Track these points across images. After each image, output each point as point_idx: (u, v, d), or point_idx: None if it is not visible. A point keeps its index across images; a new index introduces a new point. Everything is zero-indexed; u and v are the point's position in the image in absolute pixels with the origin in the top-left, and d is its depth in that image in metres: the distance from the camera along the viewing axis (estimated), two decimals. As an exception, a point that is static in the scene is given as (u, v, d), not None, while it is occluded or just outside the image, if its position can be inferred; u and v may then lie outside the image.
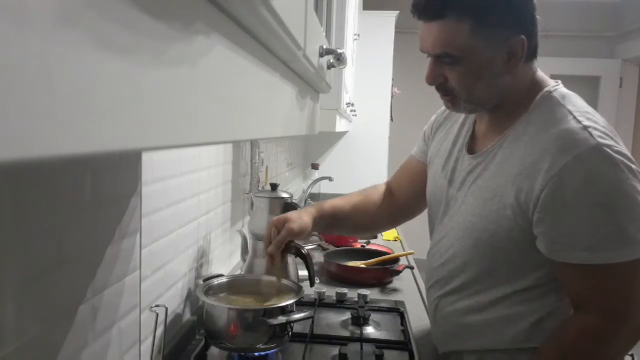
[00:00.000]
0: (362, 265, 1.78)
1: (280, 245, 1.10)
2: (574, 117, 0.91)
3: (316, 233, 2.20)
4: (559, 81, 1.02)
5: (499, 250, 0.97)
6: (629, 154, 0.89)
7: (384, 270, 1.71)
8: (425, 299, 1.20)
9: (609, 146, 0.86)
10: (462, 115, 1.14)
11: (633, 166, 0.87)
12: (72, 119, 0.17)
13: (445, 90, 1.00)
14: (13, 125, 0.15)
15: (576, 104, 0.95)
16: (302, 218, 1.15)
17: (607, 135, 0.89)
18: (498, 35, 0.92)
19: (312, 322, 1.23)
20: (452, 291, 1.08)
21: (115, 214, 0.79)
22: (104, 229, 0.76)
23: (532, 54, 0.97)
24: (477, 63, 0.94)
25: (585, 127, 0.88)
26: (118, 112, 0.21)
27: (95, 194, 0.72)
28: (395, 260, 1.81)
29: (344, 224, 1.31)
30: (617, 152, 0.87)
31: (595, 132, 0.88)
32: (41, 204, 0.60)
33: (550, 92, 0.97)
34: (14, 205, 0.55)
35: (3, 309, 0.55)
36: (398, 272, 1.70)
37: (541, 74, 1.02)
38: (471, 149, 1.09)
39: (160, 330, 0.98)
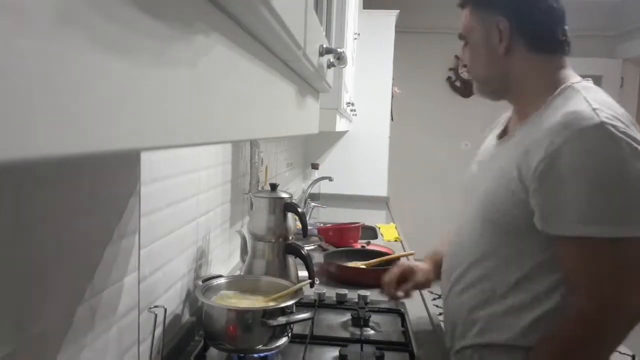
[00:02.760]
0: (363, 266, 1.77)
1: (407, 294, 1.29)
2: (586, 101, 0.92)
3: (316, 233, 2.20)
4: (590, 79, 1.04)
5: (502, 229, 0.99)
6: None
7: (385, 271, 1.71)
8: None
9: (614, 126, 0.87)
10: (504, 116, 1.21)
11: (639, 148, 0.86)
12: (71, 119, 0.17)
13: (467, 72, 1.14)
14: (13, 125, 0.14)
15: (595, 93, 0.97)
16: (426, 271, 1.31)
17: (617, 118, 0.89)
18: (489, 16, 1.04)
19: (312, 323, 1.23)
20: (458, 279, 1.10)
21: (114, 214, 0.79)
22: (102, 229, 0.76)
23: (538, 44, 1.02)
24: (476, 40, 1.07)
25: (594, 109, 0.89)
26: (117, 112, 0.21)
27: (93, 194, 0.72)
28: (396, 260, 1.80)
29: None
30: (623, 132, 0.86)
31: (602, 113, 0.88)
32: (40, 204, 0.60)
33: (572, 84, 1.00)
34: (14, 205, 0.55)
35: (3, 309, 0.55)
36: None
37: (571, 72, 1.05)
38: (500, 139, 1.15)
39: (159, 331, 0.97)
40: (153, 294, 0.97)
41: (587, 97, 0.94)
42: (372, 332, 1.28)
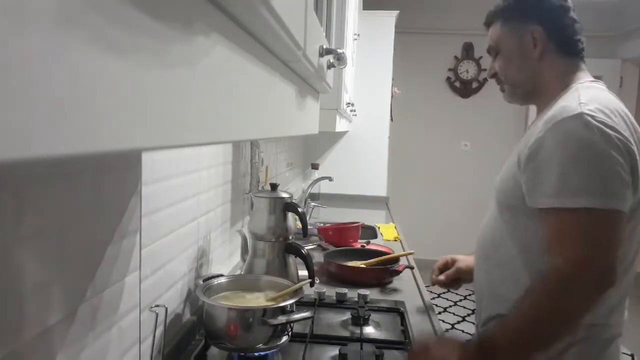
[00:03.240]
0: (362, 266, 1.77)
1: (448, 281, 1.45)
2: (578, 97, 1.05)
3: (316, 232, 2.20)
4: (599, 80, 1.15)
5: (511, 211, 1.13)
6: (621, 130, 0.99)
7: (384, 271, 1.71)
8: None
9: (592, 116, 0.99)
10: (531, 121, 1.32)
11: (613, 135, 0.98)
12: (72, 119, 0.17)
13: (498, 81, 1.27)
14: (13, 125, 0.15)
15: (591, 91, 1.08)
16: (469, 260, 1.42)
17: (601, 111, 1.00)
18: (520, 26, 1.18)
19: (312, 322, 1.23)
20: (484, 259, 1.23)
21: (115, 213, 0.79)
22: (104, 229, 0.76)
23: (565, 49, 1.17)
24: (508, 49, 1.21)
25: (580, 103, 1.02)
26: (118, 112, 0.21)
27: (95, 194, 0.72)
28: (396, 260, 1.81)
29: None
30: (601, 121, 0.98)
31: (586, 106, 1.01)
32: (41, 203, 0.60)
33: (577, 84, 1.13)
34: (15, 205, 0.55)
35: (3, 308, 0.55)
36: (398, 272, 1.70)
37: (585, 74, 1.17)
38: None
39: (160, 330, 0.98)
40: (154, 294, 0.97)
41: (580, 94, 1.06)
42: (372, 331, 1.28)
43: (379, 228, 2.56)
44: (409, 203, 4.76)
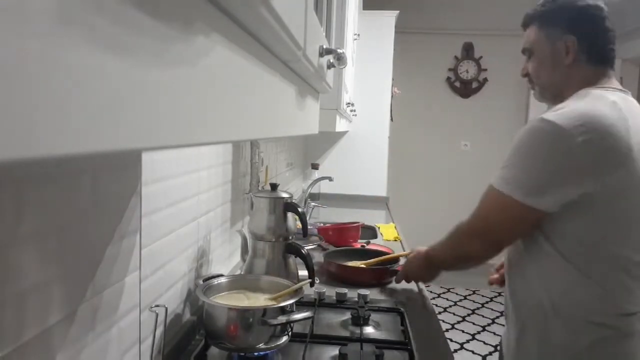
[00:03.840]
0: (362, 266, 1.77)
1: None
2: (561, 106, 1.13)
3: (316, 232, 2.20)
4: (616, 89, 1.20)
5: None
6: (574, 132, 1.05)
7: (384, 271, 1.71)
8: None
9: (548, 120, 1.09)
10: None
11: (557, 138, 1.06)
12: (72, 119, 0.17)
13: (529, 81, 1.34)
14: (13, 125, 0.15)
15: (582, 100, 1.15)
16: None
17: (564, 117, 1.08)
18: (555, 33, 1.24)
19: (312, 322, 1.23)
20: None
21: (115, 213, 0.79)
22: (103, 229, 0.76)
23: (595, 58, 1.22)
24: (543, 53, 1.27)
25: (557, 109, 1.12)
26: (118, 112, 0.21)
27: (95, 193, 0.72)
28: (395, 260, 1.81)
29: None
30: (552, 125, 1.08)
31: (552, 113, 1.10)
32: (41, 203, 0.60)
33: (586, 90, 1.19)
34: (15, 205, 0.55)
35: (3, 308, 0.55)
36: (398, 272, 1.70)
37: (607, 80, 1.22)
38: None
39: (160, 330, 0.98)
40: (154, 294, 0.97)
41: (565, 103, 1.15)
42: (372, 331, 1.28)
43: (379, 228, 2.56)
44: (409, 203, 4.76)
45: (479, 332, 3.85)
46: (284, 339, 1.06)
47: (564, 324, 1.12)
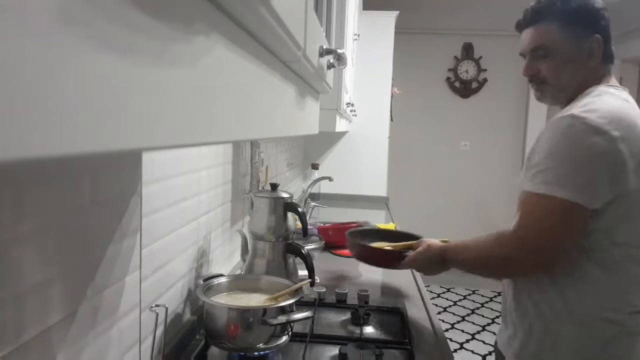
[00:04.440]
0: (389, 248, 1.55)
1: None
2: (584, 104, 1.11)
3: (315, 232, 2.20)
4: (620, 87, 1.20)
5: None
6: (608, 130, 1.04)
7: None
8: None
9: (581, 118, 1.06)
10: None
11: (594, 133, 1.04)
12: (72, 119, 0.17)
13: (537, 81, 1.27)
14: (13, 125, 0.15)
15: (601, 98, 1.13)
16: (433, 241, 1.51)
17: (595, 112, 1.06)
18: (581, 34, 1.21)
19: (312, 322, 1.23)
20: None
21: (115, 213, 0.79)
22: (104, 229, 0.76)
23: (607, 57, 1.22)
24: (565, 54, 1.22)
25: (579, 107, 1.09)
26: (118, 112, 0.21)
27: (95, 193, 0.72)
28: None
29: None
30: (586, 123, 1.05)
31: (583, 111, 1.07)
32: (42, 203, 0.60)
33: (598, 88, 1.18)
34: (15, 205, 0.56)
35: (3, 308, 0.55)
36: (405, 258, 1.47)
37: (611, 78, 1.23)
38: None
39: (160, 330, 0.98)
40: (154, 293, 0.97)
41: (586, 101, 1.12)
42: (371, 330, 1.28)
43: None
44: (409, 203, 4.76)
45: (478, 332, 3.85)
46: (284, 338, 1.06)
47: (577, 323, 1.12)
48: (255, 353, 1.07)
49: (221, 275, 1.20)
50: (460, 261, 1.28)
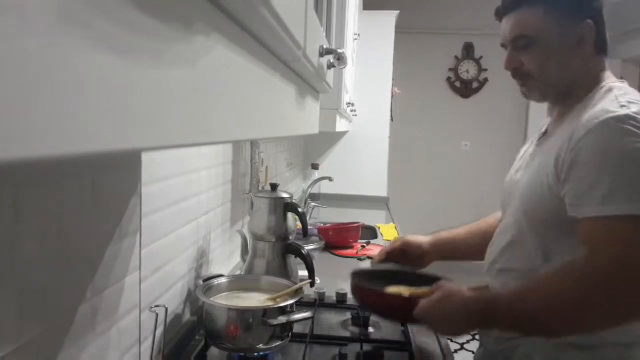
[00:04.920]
0: (405, 294, 1.13)
1: (393, 251, 1.32)
2: (616, 98, 0.97)
3: (315, 232, 2.20)
4: (624, 80, 1.08)
5: (540, 222, 1.03)
6: None
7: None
8: None
9: (636, 118, 0.91)
10: (545, 124, 1.21)
11: None
12: (72, 119, 0.17)
13: (521, 76, 1.11)
14: (13, 125, 0.15)
15: (627, 93, 0.99)
16: (417, 235, 1.36)
17: None
18: (569, 19, 1.05)
19: (312, 322, 1.23)
20: (501, 271, 1.11)
21: (115, 214, 0.79)
22: (104, 229, 0.76)
23: (600, 46, 1.07)
24: (550, 43, 1.05)
25: (621, 105, 0.94)
26: (118, 112, 0.21)
27: (95, 193, 0.72)
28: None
29: (462, 244, 1.36)
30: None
31: (627, 109, 0.92)
32: (41, 203, 0.60)
33: (609, 84, 1.04)
34: (15, 205, 0.55)
35: (3, 309, 0.55)
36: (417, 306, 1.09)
37: (609, 73, 1.09)
38: (540, 141, 1.16)
39: (160, 330, 0.98)
40: (154, 294, 0.97)
41: (617, 95, 0.98)
42: (371, 331, 1.28)
43: (379, 228, 2.56)
44: (409, 203, 4.75)
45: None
46: (284, 339, 1.06)
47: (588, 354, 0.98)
48: (255, 353, 1.07)
49: (221, 275, 1.20)
50: (514, 314, 0.94)
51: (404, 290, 1.14)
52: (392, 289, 1.16)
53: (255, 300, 1.13)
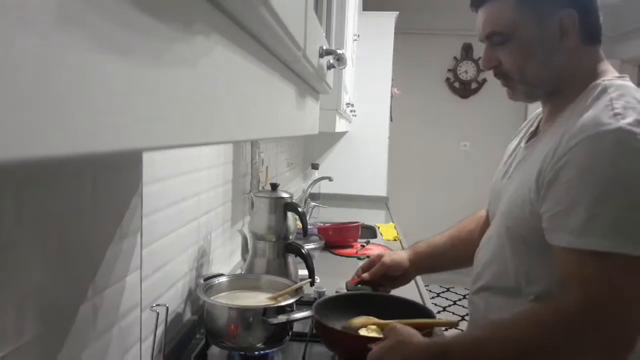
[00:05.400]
0: (375, 334, 1.04)
1: (374, 277, 1.23)
2: (611, 104, 0.84)
3: (315, 232, 2.20)
4: (626, 76, 0.94)
5: (521, 240, 0.94)
6: None
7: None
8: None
9: (631, 132, 0.78)
10: (536, 118, 1.12)
11: None
12: (72, 119, 0.18)
13: (501, 75, 1.00)
14: (13, 125, 0.15)
15: (625, 95, 0.86)
16: (396, 253, 1.28)
17: None
18: (546, 10, 0.92)
19: (312, 321, 1.23)
20: (482, 288, 1.03)
21: (116, 213, 0.80)
22: (104, 229, 0.76)
23: (591, 35, 0.94)
24: (526, 39, 0.93)
25: (616, 114, 0.82)
26: (118, 112, 0.21)
27: (96, 194, 0.72)
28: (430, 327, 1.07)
29: (443, 257, 1.28)
30: None
31: (623, 119, 0.80)
32: (42, 204, 0.60)
33: (603, 82, 0.91)
34: (15, 206, 0.56)
35: (3, 309, 0.55)
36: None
37: (608, 66, 0.97)
38: (529, 141, 1.06)
39: (160, 329, 0.98)
40: (155, 293, 0.97)
41: (613, 99, 0.85)
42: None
43: (378, 228, 2.57)
44: (409, 203, 4.75)
45: (479, 332, 3.85)
46: (284, 338, 1.06)
47: None
48: (256, 352, 1.07)
49: (222, 274, 1.20)
50: None
51: (369, 322, 1.09)
52: (358, 321, 1.09)
53: (255, 299, 1.14)
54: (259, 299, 1.13)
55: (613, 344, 0.79)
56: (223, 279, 1.17)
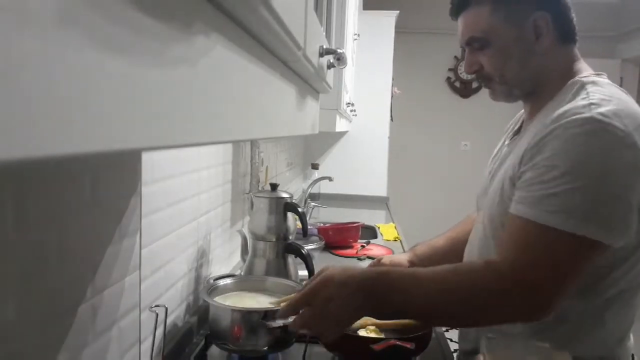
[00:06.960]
0: (373, 335, 1.09)
1: None
2: (588, 96, 0.88)
3: (316, 232, 2.20)
4: (603, 73, 0.98)
5: (502, 228, 0.95)
6: (637, 139, 0.82)
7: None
8: None
9: (606, 123, 0.82)
10: (520, 117, 1.16)
11: (625, 147, 0.82)
12: (72, 119, 0.17)
13: (483, 79, 1.05)
14: (13, 125, 0.15)
15: (600, 88, 0.91)
16: (396, 256, 1.31)
17: (618, 116, 0.83)
18: (519, 13, 0.97)
19: (312, 322, 1.23)
20: None
21: (115, 214, 0.79)
22: (104, 229, 0.76)
23: (565, 35, 0.99)
24: (503, 42, 0.98)
25: (592, 104, 0.85)
26: (118, 112, 0.21)
27: (95, 194, 0.72)
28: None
29: (443, 259, 1.23)
30: (613, 130, 0.82)
31: (598, 109, 0.84)
32: (41, 204, 0.60)
33: (580, 78, 0.95)
34: (15, 205, 0.55)
35: (3, 309, 0.55)
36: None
37: (584, 65, 1.01)
38: (512, 139, 1.10)
39: (160, 330, 0.98)
40: (154, 293, 0.97)
41: (590, 93, 0.89)
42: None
43: (379, 228, 2.56)
44: (409, 203, 4.75)
45: (479, 332, 3.85)
46: (288, 342, 1.06)
47: None
48: (256, 354, 1.06)
49: (227, 276, 1.19)
50: (407, 298, 0.86)
51: (368, 323, 1.11)
52: (357, 321, 1.02)
53: (258, 302, 1.13)
54: (263, 302, 1.13)
55: (536, 306, 0.83)
56: (228, 281, 1.17)
